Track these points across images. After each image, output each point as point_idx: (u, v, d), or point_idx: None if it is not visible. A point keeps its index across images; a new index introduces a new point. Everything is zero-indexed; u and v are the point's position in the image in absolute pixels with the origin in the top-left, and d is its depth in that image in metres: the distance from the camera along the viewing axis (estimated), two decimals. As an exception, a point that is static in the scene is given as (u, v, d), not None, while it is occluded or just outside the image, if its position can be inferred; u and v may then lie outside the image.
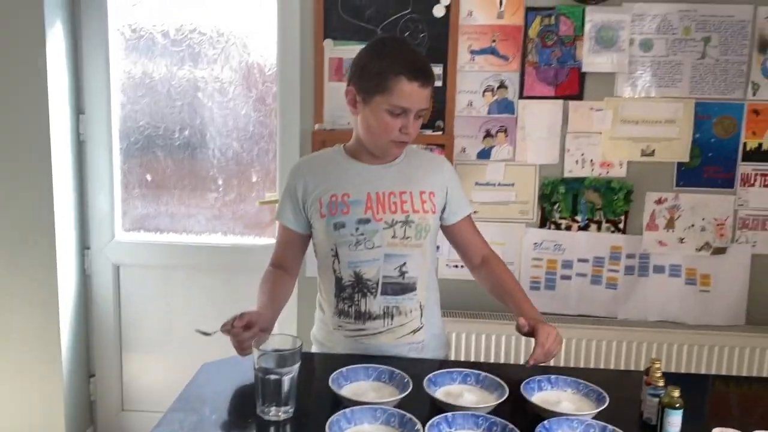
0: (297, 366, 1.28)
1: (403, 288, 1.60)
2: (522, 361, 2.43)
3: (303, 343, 1.32)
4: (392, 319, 1.60)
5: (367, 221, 1.56)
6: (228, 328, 1.39)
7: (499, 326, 2.47)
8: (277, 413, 1.26)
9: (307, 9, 2.48)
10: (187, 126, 2.70)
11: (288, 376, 1.25)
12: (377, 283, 1.58)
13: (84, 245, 2.74)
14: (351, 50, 2.48)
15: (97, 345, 2.81)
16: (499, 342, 2.48)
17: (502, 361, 2.47)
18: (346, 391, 1.34)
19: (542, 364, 1.46)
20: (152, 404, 2.77)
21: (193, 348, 2.26)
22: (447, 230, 1.70)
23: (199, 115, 2.69)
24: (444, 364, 1.56)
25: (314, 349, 1.73)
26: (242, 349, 1.41)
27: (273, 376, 1.25)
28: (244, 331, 1.39)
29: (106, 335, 2.79)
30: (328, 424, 1.16)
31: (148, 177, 2.75)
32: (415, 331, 1.63)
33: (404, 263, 1.59)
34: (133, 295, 2.78)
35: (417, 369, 1.43)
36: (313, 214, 1.61)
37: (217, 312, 2.70)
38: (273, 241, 2.68)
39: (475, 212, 1.79)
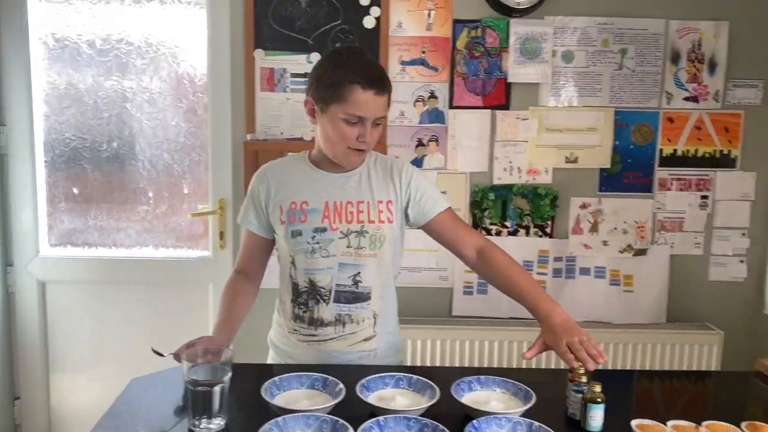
0: (228, 377, 1.27)
1: (357, 297, 1.62)
2: (449, 363, 2.49)
3: (233, 353, 1.31)
4: (344, 326, 1.63)
5: (323, 230, 1.59)
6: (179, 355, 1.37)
7: (433, 331, 2.51)
8: (208, 425, 1.25)
9: (237, 19, 2.47)
10: (115, 138, 2.64)
11: (218, 387, 1.24)
12: (330, 291, 1.61)
13: (6, 262, 2.63)
14: (282, 60, 2.49)
15: (22, 366, 2.69)
16: (434, 346, 2.51)
17: (438, 364, 2.51)
18: (279, 400, 1.33)
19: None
20: (81, 427, 2.67)
21: (126, 366, 2.20)
22: (427, 230, 1.68)
23: (127, 126, 2.63)
24: (380, 369, 1.58)
25: (270, 353, 1.75)
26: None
27: (203, 388, 1.24)
28: None
29: (31, 356, 2.69)
30: (259, 433, 1.16)
31: (75, 190, 2.67)
32: (367, 339, 1.65)
33: (358, 273, 1.60)
34: (60, 312, 2.69)
35: (360, 376, 1.44)
36: (275, 220, 1.63)
37: (150, 327, 2.68)
38: (207, 253, 2.68)
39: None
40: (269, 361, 1.75)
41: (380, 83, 1.51)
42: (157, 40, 2.58)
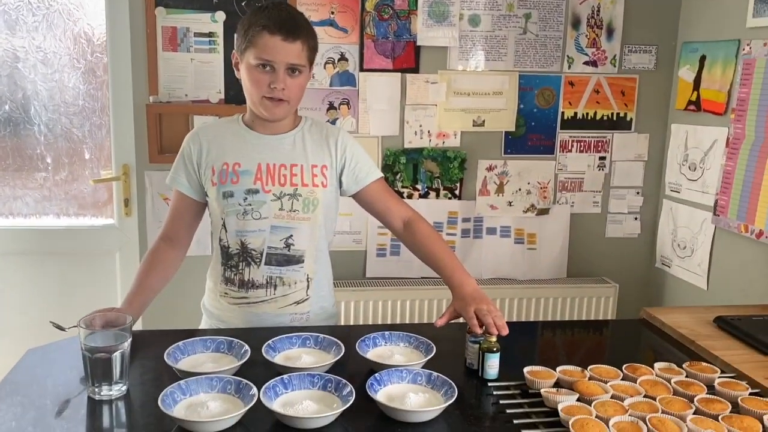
0: (127, 343, 1.25)
1: (288, 260, 1.62)
2: (363, 322, 2.54)
3: (133, 319, 1.29)
4: (275, 289, 1.63)
5: (255, 192, 1.58)
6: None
7: (348, 293, 2.55)
8: (109, 392, 1.24)
9: (136, -25, 2.37)
10: (6, 100, 2.49)
11: (117, 353, 1.23)
12: (261, 254, 1.61)
13: None
14: (185, 19, 2.40)
15: None
16: (348, 307, 2.56)
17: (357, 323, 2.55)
18: (183, 364, 1.33)
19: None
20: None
21: (27, 340, 2.12)
22: (358, 198, 1.70)
23: (20, 88, 2.49)
24: (288, 330, 1.60)
25: (204, 318, 1.74)
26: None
27: (102, 355, 1.22)
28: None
29: None
30: (160, 397, 1.15)
31: (-36, 156, 2.51)
32: (299, 302, 1.65)
33: (290, 236, 1.61)
34: (-48, 285, 2.54)
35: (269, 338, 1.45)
36: (206, 181, 1.61)
37: (53, 299, 2.58)
38: (111, 221, 2.59)
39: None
40: (202, 327, 1.74)
41: (290, 29, 1.50)
42: (49, -4, 2.43)
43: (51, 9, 2.44)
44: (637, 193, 2.81)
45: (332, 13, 2.48)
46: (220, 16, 2.42)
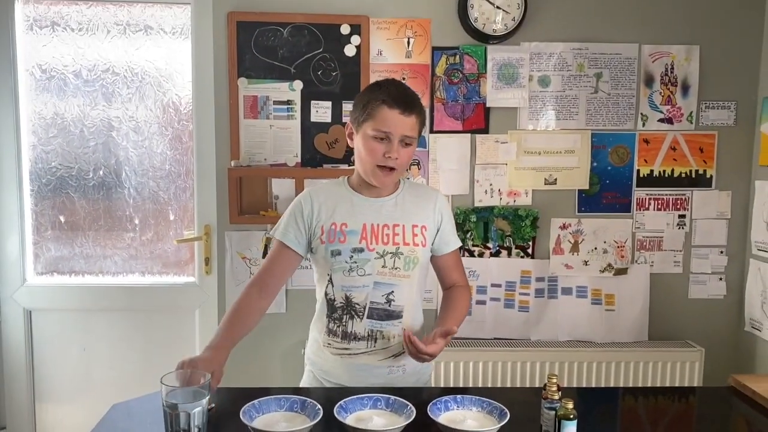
0: (205, 400, 1.29)
1: (389, 314, 1.71)
2: (434, 385, 2.51)
3: (210, 377, 1.33)
4: (375, 342, 1.71)
5: (361, 250, 1.68)
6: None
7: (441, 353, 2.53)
8: (187, 448, 1.27)
9: (221, 48, 2.53)
10: (101, 166, 2.67)
11: (196, 410, 1.27)
12: (365, 308, 1.70)
13: (-8, 291, 2.64)
14: (265, 88, 2.54)
15: (8, 395, 2.69)
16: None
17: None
18: (258, 422, 1.35)
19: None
20: (68, 455, 2.68)
21: (112, 394, 2.21)
22: (433, 259, 1.81)
23: (113, 154, 2.67)
24: (359, 391, 1.60)
25: (306, 369, 1.82)
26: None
27: (181, 412, 1.25)
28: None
29: (17, 385, 2.68)
30: (236, 454, 1.18)
31: (62, 218, 2.70)
32: (396, 356, 1.72)
33: (392, 291, 1.70)
34: (46, 341, 2.69)
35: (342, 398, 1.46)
36: (315, 239, 1.72)
37: (136, 354, 2.69)
38: (192, 279, 2.70)
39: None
40: (304, 378, 1.82)
41: (406, 103, 1.64)
42: (142, 70, 2.63)
43: (144, 81, 2.63)
44: (721, 252, 2.69)
45: (404, 78, 2.56)
46: (298, 84, 2.54)
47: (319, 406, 1.39)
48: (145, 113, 2.65)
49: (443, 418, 1.40)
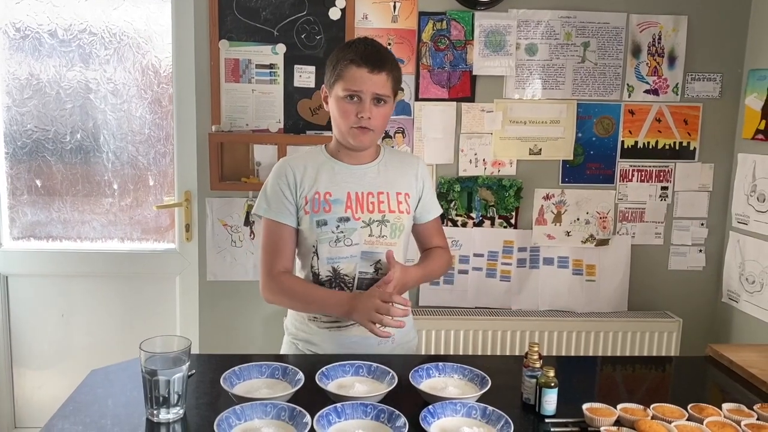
0: (185, 367, 1.28)
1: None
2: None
3: (191, 343, 1.31)
4: None
5: (347, 219, 1.65)
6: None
7: (423, 322, 2.53)
8: (166, 415, 1.26)
9: (201, 9, 2.46)
10: (78, 129, 2.61)
11: (176, 377, 1.25)
12: (354, 279, 1.67)
13: (-33, 255, 2.59)
14: (247, 51, 2.48)
15: (-16, 360, 2.66)
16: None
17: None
18: (238, 389, 1.35)
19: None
20: (47, 419, 2.65)
21: (91, 360, 2.20)
22: (414, 227, 1.79)
23: (91, 117, 2.60)
24: (340, 358, 1.60)
25: (286, 340, 1.78)
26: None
27: (161, 378, 1.24)
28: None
29: (-6, 350, 2.65)
30: (216, 421, 1.17)
31: (38, 182, 2.64)
32: (385, 327, 1.64)
33: (379, 260, 1.66)
34: (23, 306, 2.66)
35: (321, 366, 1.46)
36: (300, 210, 1.67)
37: (115, 321, 2.66)
38: (173, 246, 2.66)
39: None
40: (284, 348, 1.78)
41: (375, 61, 1.59)
42: (120, 30, 2.55)
43: (122, 43, 2.56)
44: (702, 224, 2.71)
45: (389, 44, 2.51)
46: (281, 48, 2.48)
47: (301, 373, 1.39)
48: (124, 75, 2.58)
49: (425, 385, 1.40)
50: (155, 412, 1.26)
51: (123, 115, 2.61)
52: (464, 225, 2.64)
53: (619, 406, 1.33)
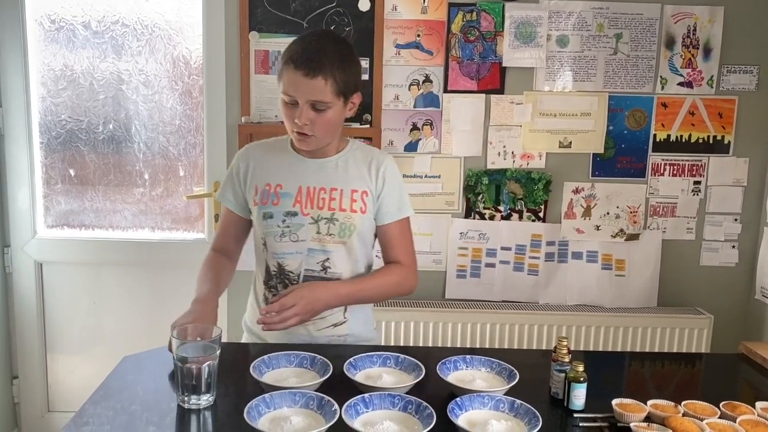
0: (217, 354, 1.30)
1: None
2: (441, 345, 2.51)
3: (222, 331, 1.33)
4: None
5: (294, 214, 1.58)
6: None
7: (427, 314, 2.54)
8: (197, 401, 1.28)
9: (232, 1, 2.48)
10: (111, 120, 2.65)
11: (207, 365, 1.27)
12: (299, 276, 1.61)
13: (3, 243, 2.65)
14: (277, 42, 2.49)
15: (20, 346, 2.73)
16: (427, 328, 2.54)
17: (431, 345, 2.53)
18: (268, 377, 1.36)
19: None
20: (79, 405, 2.69)
21: (121, 346, 2.24)
22: (377, 228, 1.67)
23: (123, 108, 2.64)
24: (367, 348, 1.60)
25: (244, 335, 1.74)
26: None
27: (192, 365, 1.26)
28: None
29: (29, 335, 2.72)
30: (246, 409, 1.18)
31: (71, 172, 2.69)
32: (336, 325, 1.65)
33: (327, 259, 1.60)
34: (57, 293, 2.71)
35: (343, 353, 1.47)
36: (250, 199, 1.63)
37: (145, 308, 2.71)
38: (202, 235, 2.70)
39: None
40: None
41: (311, 65, 1.44)
42: (152, 22, 2.58)
43: (154, 34, 2.59)
44: (735, 219, 2.65)
45: (418, 35, 2.50)
46: (310, 39, 2.49)
47: (330, 364, 1.39)
48: (155, 67, 2.61)
49: (452, 377, 1.40)
50: (186, 398, 1.28)
51: (154, 106, 2.64)
52: (492, 218, 2.62)
53: (649, 403, 1.31)
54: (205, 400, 1.29)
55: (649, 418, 1.28)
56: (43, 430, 2.79)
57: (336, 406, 1.21)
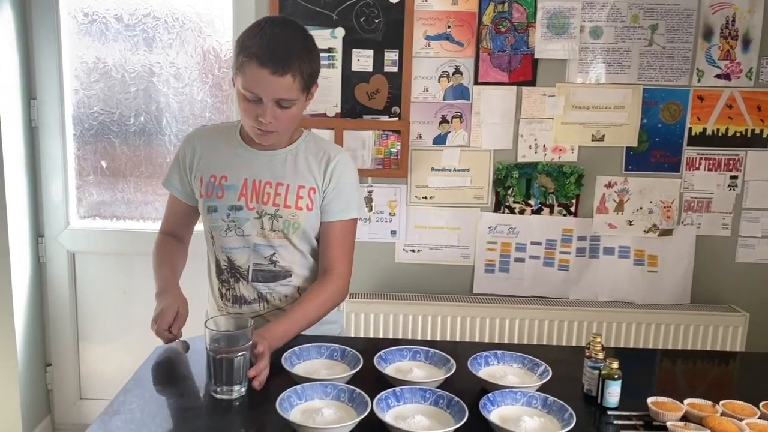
0: (249, 345, 1.30)
1: (275, 275, 1.57)
2: (469, 340, 2.50)
3: (252, 323, 1.33)
4: (267, 303, 1.59)
5: (239, 208, 1.52)
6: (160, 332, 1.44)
7: (454, 308, 2.52)
8: (229, 392, 1.28)
9: (262, -6, 2.48)
10: (142, 112, 2.67)
11: (239, 356, 1.27)
12: (248, 270, 1.57)
13: (38, 233, 2.70)
14: (307, 36, 2.48)
15: (53, 334, 2.77)
16: (455, 323, 2.52)
17: (458, 340, 2.52)
18: (299, 369, 1.36)
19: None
20: (111, 392, 2.70)
21: (151, 336, 2.26)
22: (320, 225, 1.59)
23: (154, 100, 2.66)
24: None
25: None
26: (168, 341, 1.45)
27: (225, 356, 1.26)
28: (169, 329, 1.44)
29: (62, 324, 2.76)
30: (278, 400, 1.18)
31: (103, 163, 2.72)
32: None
33: (274, 253, 1.55)
34: (89, 283, 2.75)
35: (367, 346, 1.46)
36: (196, 190, 1.58)
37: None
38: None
39: (363, 219, 1.71)
40: None
41: (279, 62, 1.36)
42: (182, 15, 2.59)
43: (184, 27, 2.60)
44: (773, 215, 2.59)
45: (449, 27, 2.48)
46: (340, 32, 2.48)
47: (360, 357, 1.39)
48: (186, 59, 2.63)
49: (483, 372, 1.38)
50: (218, 389, 1.28)
51: (185, 98, 2.66)
52: (522, 212, 2.59)
53: (685, 401, 1.28)
54: (237, 391, 1.29)
55: (685, 418, 1.26)
56: (75, 417, 2.84)
57: (367, 398, 1.20)
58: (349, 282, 1.61)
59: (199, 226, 1.70)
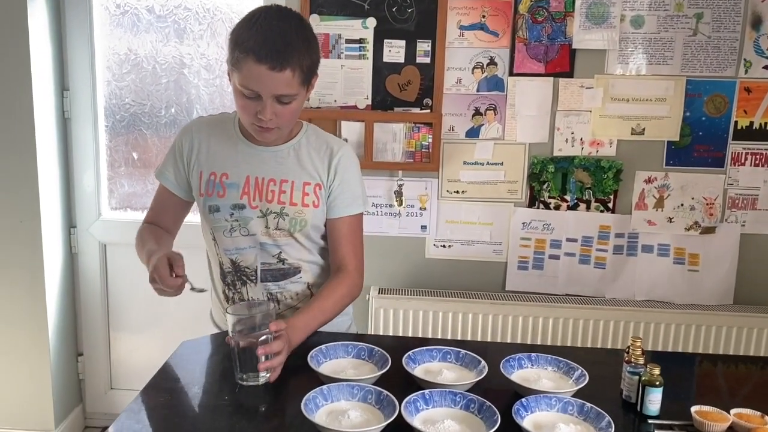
0: (270, 336, 1.28)
1: (284, 273, 1.53)
2: (500, 339, 2.44)
3: (275, 308, 1.31)
4: (279, 303, 1.55)
5: (242, 207, 1.47)
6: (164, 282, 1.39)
7: (485, 306, 2.46)
8: (255, 378, 1.27)
9: (293, -17, 2.44)
10: (173, 104, 2.66)
11: (263, 339, 1.27)
12: (256, 271, 1.52)
13: (70, 224, 2.72)
14: (337, 26, 2.44)
15: (84, 324, 2.80)
16: (486, 321, 2.47)
17: (489, 339, 2.46)
18: (325, 368, 1.33)
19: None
20: (141, 383, 2.72)
21: (182, 327, 2.26)
22: (327, 221, 1.56)
23: (185, 92, 2.65)
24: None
25: (213, 331, 1.64)
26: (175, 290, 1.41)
27: (250, 341, 1.25)
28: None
29: (93, 314, 2.78)
30: (303, 401, 1.15)
31: (135, 155, 2.72)
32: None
33: (281, 252, 1.51)
34: (120, 273, 2.76)
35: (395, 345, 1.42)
36: (194, 186, 1.52)
37: (205, 293, 2.72)
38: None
39: (367, 211, 1.61)
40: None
41: (278, 57, 1.30)
42: (213, 5, 2.57)
43: (215, 18, 2.58)
44: (824, 214, 2.47)
45: (483, 16, 2.41)
46: (371, 22, 2.43)
47: (388, 357, 1.35)
48: (216, 51, 2.61)
49: (516, 376, 1.33)
50: (245, 376, 1.28)
51: (215, 90, 2.64)
52: (557, 208, 2.52)
53: (732, 411, 1.21)
54: (264, 376, 1.28)
55: (731, 429, 1.19)
56: (106, 406, 2.87)
57: (395, 401, 1.16)
58: (363, 276, 1.58)
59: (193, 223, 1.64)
